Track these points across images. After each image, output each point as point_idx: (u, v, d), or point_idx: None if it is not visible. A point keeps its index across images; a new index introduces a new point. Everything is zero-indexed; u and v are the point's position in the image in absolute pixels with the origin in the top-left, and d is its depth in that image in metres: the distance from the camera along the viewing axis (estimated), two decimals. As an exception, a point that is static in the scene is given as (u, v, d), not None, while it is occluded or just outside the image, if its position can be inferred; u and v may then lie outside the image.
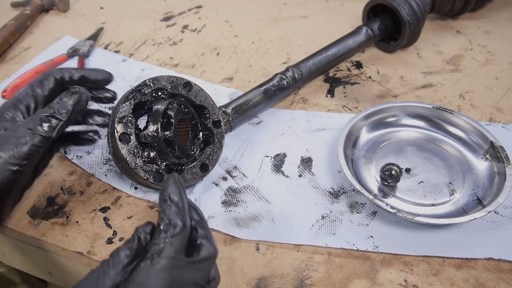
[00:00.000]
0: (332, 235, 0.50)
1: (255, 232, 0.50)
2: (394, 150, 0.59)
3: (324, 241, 0.49)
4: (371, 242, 0.48)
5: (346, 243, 0.48)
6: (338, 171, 0.56)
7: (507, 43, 0.82)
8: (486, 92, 0.70)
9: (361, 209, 0.52)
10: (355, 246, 0.48)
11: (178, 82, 0.54)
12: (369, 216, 0.51)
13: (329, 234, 0.50)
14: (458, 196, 0.52)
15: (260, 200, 0.54)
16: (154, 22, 0.95)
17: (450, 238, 0.48)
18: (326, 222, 0.51)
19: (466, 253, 0.47)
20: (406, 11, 0.73)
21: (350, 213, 0.52)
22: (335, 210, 0.52)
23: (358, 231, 0.50)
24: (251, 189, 0.55)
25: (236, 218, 0.52)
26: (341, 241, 0.49)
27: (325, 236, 0.49)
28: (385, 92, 0.71)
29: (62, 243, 0.50)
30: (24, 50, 0.87)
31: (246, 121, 0.65)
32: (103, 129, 0.53)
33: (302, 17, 0.94)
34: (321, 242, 0.49)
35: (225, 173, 0.57)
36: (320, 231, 0.50)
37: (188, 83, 0.55)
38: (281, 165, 0.59)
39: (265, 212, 0.52)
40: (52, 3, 0.99)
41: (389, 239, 0.49)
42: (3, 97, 0.72)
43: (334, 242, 0.49)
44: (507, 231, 0.49)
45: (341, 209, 0.52)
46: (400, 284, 0.45)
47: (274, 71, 0.69)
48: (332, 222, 0.51)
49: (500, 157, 0.53)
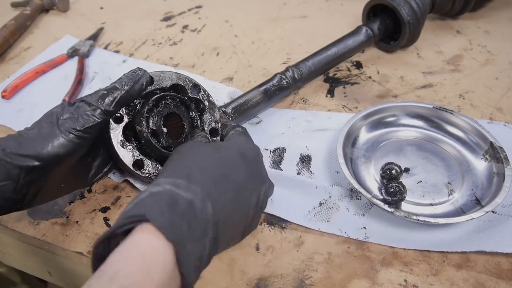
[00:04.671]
0: (326, 222, 0.51)
1: None
2: (394, 149, 0.59)
3: (317, 225, 0.51)
4: (363, 233, 0.49)
5: (338, 230, 0.50)
6: (337, 172, 0.56)
7: (507, 43, 0.82)
8: (486, 92, 0.70)
9: (360, 195, 0.53)
10: (346, 234, 0.49)
11: (187, 83, 0.55)
12: (367, 205, 0.52)
13: (323, 221, 0.51)
14: (457, 196, 0.52)
15: None
16: (154, 22, 0.95)
17: (447, 236, 0.48)
18: (323, 209, 0.52)
19: (458, 247, 0.47)
20: (406, 11, 0.73)
21: (350, 198, 0.53)
22: (334, 195, 0.54)
23: (353, 220, 0.51)
24: None
25: None
26: (334, 228, 0.50)
27: (319, 222, 0.51)
28: (385, 92, 0.71)
29: (62, 243, 0.51)
30: (24, 50, 0.87)
31: (246, 121, 0.65)
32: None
33: (302, 17, 0.94)
34: (314, 226, 0.51)
35: None
36: (315, 217, 0.52)
37: (197, 86, 0.55)
38: (280, 161, 0.59)
39: None
40: (52, 3, 0.99)
41: (383, 231, 0.50)
42: (3, 97, 0.72)
43: (327, 228, 0.50)
44: (502, 227, 0.49)
45: (341, 193, 0.54)
46: (400, 284, 0.45)
47: (274, 71, 0.69)
48: (329, 210, 0.52)
49: (499, 158, 0.53)
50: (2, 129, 0.67)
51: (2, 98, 0.72)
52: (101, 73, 0.78)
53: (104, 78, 0.77)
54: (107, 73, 0.78)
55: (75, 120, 0.44)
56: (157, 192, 0.36)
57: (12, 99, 0.73)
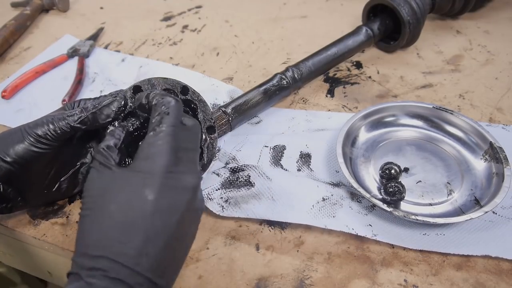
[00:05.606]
0: (332, 218, 0.50)
1: (254, 210, 0.51)
2: (393, 149, 0.59)
3: (323, 222, 0.49)
4: (370, 230, 0.49)
5: (346, 227, 0.49)
6: (336, 171, 0.57)
7: (507, 43, 0.82)
8: (486, 92, 0.70)
9: (360, 199, 0.53)
10: (354, 231, 0.48)
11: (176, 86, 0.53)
12: (368, 207, 0.52)
13: (328, 216, 0.50)
14: (456, 196, 0.53)
15: (260, 176, 0.54)
16: (154, 22, 0.95)
17: (448, 236, 0.48)
18: (326, 204, 0.52)
19: (464, 250, 0.47)
20: (406, 11, 0.73)
21: (351, 200, 0.52)
22: (336, 194, 0.53)
23: (357, 217, 0.50)
24: (251, 166, 0.56)
25: (235, 196, 0.52)
26: (340, 224, 0.49)
27: (324, 218, 0.50)
28: (385, 92, 0.71)
29: (62, 243, 0.51)
30: (24, 50, 0.87)
31: (246, 121, 0.65)
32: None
33: (302, 17, 0.94)
34: (320, 223, 0.49)
35: (223, 165, 0.58)
36: (320, 212, 0.50)
37: (185, 88, 0.53)
38: (280, 157, 0.59)
39: (265, 190, 0.53)
40: (52, 3, 0.99)
41: (388, 231, 0.49)
42: (3, 97, 0.72)
43: (334, 225, 0.49)
44: (504, 230, 0.49)
45: (342, 194, 0.53)
46: (400, 284, 0.45)
47: (274, 71, 0.69)
48: (333, 205, 0.51)
49: (499, 158, 0.53)
50: (2, 129, 0.67)
51: (2, 98, 0.72)
52: (101, 73, 0.78)
53: (104, 79, 0.77)
54: (107, 73, 0.78)
55: (43, 124, 0.44)
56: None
57: (12, 99, 0.73)
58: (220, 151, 0.60)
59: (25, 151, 0.44)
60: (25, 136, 0.44)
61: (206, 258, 0.48)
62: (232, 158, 0.59)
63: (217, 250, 0.49)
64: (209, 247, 0.49)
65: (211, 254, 0.49)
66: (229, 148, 0.60)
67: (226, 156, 0.59)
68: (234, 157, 0.59)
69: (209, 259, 0.48)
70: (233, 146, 0.61)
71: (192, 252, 0.49)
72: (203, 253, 0.49)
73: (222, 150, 0.60)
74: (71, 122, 0.45)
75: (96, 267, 0.32)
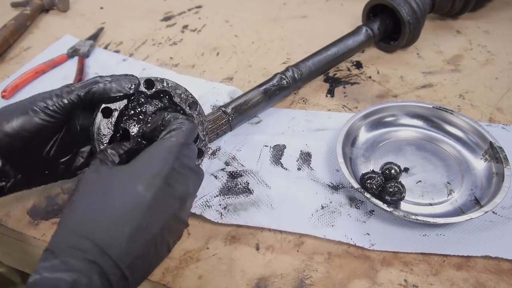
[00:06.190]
0: (331, 227, 0.50)
1: (253, 218, 0.51)
2: (393, 149, 0.59)
3: (323, 232, 0.49)
4: (367, 240, 0.49)
5: (344, 237, 0.49)
6: (337, 170, 0.57)
7: (507, 43, 0.82)
8: (486, 92, 0.70)
9: (359, 205, 0.52)
10: (352, 241, 0.48)
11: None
12: (366, 214, 0.52)
13: (328, 225, 0.50)
14: (456, 196, 0.53)
15: (259, 183, 0.54)
16: (154, 22, 0.95)
17: (448, 237, 0.48)
18: (325, 212, 0.51)
19: (464, 251, 0.47)
20: (406, 11, 0.73)
21: (349, 206, 0.52)
22: (335, 201, 0.53)
23: (356, 226, 0.50)
24: (250, 172, 0.56)
25: (233, 203, 0.52)
26: (339, 234, 0.49)
27: (324, 227, 0.50)
28: (385, 92, 0.71)
29: (62, 243, 0.51)
30: (24, 50, 0.87)
31: (246, 121, 0.65)
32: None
33: (302, 17, 0.94)
34: (320, 233, 0.49)
35: (223, 165, 0.58)
36: (319, 222, 0.50)
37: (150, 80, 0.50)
38: (280, 156, 0.59)
39: (264, 197, 0.53)
40: (52, 3, 0.99)
41: (386, 237, 0.49)
42: (3, 97, 0.72)
43: (333, 235, 0.49)
44: (504, 230, 0.49)
45: (341, 200, 0.53)
46: (400, 284, 0.45)
47: (274, 71, 0.69)
48: (332, 214, 0.51)
49: (499, 158, 0.53)
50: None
51: (2, 98, 0.72)
52: (101, 73, 0.78)
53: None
54: (107, 73, 0.78)
55: (50, 97, 0.45)
56: (33, 284, 0.31)
57: (12, 99, 0.73)
58: (220, 150, 0.60)
59: (28, 122, 0.43)
60: (30, 107, 0.43)
61: (206, 258, 0.48)
62: (232, 158, 0.59)
63: (217, 250, 0.49)
64: (209, 247, 0.49)
65: (211, 254, 0.49)
66: (229, 148, 0.60)
67: (226, 155, 0.59)
68: (234, 157, 0.59)
69: (209, 259, 0.48)
70: (233, 146, 0.61)
71: (192, 252, 0.49)
72: (203, 253, 0.49)
73: (222, 150, 0.60)
74: (80, 92, 0.45)
75: (77, 247, 0.33)
